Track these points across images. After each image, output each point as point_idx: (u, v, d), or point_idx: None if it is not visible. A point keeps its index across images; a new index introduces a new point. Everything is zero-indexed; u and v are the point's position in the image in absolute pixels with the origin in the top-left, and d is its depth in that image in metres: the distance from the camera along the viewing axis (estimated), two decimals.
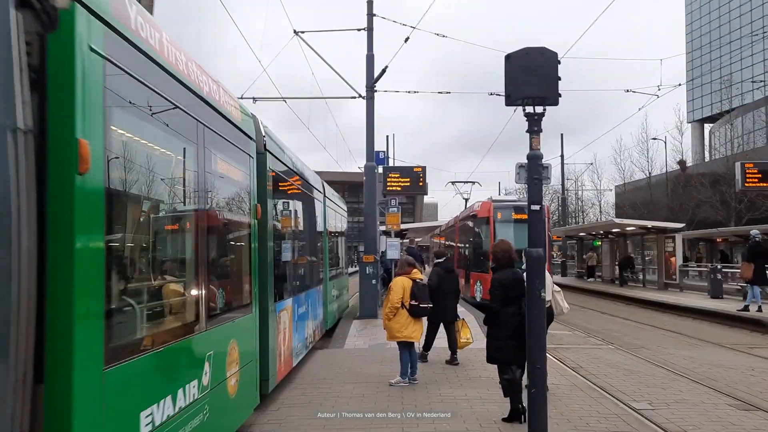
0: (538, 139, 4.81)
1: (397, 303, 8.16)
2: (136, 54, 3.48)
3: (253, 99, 16.57)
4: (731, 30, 71.48)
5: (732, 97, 49.59)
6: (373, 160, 17.21)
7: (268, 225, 7.15)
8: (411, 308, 8.18)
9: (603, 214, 56.70)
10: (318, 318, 11.57)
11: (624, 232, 30.20)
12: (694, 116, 73.47)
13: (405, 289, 8.22)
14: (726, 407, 7.63)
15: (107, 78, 3.14)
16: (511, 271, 6.69)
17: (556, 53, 4.77)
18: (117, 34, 3.26)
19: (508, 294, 6.50)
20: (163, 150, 4.13)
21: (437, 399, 7.51)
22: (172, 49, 4.08)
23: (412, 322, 8.22)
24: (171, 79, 4.01)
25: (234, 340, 5.61)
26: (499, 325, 6.53)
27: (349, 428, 6.36)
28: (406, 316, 8.18)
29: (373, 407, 7.07)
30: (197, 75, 4.67)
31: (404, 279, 8.34)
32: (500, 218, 18.81)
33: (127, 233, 3.63)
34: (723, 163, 40.11)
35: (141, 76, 3.52)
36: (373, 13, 16.36)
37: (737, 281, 20.59)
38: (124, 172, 3.48)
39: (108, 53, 3.14)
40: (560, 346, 12.52)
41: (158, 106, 3.84)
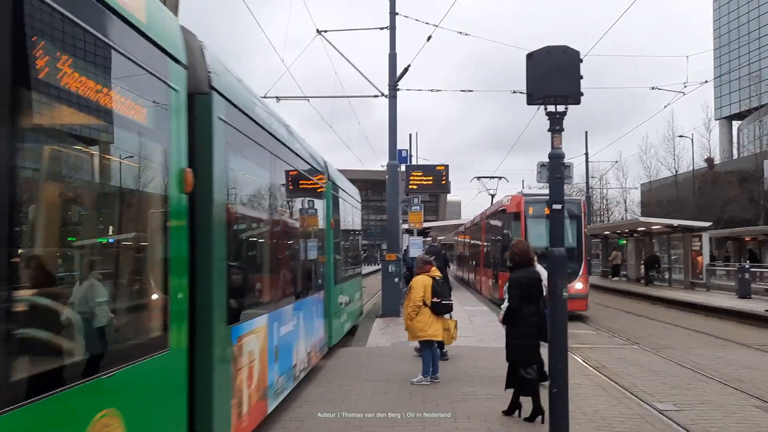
0: (560, 138, 4.80)
1: (419, 301, 8.15)
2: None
3: (276, 98, 16.72)
4: (760, 25, 70.15)
5: (761, 94, 48.70)
6: (395, 159, 17.25)
7: (213, 207, 4.54)
8: (433, 305, 8.17)
9: (628, 213, 56.06)
10: (315, 335, 8.83)
11: (650, 230, 29.83)
12: (722, 113, 72.26)
13: (426, 287, 8.21)
14: (753, 409, 7.53)
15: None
16: (530, 270, 6.71)
17: (578, 52, 4.75)
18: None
19: (527, 293, 6.51)
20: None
21: (459, 397, 7.51)
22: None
23: (435, 321, 8.23)
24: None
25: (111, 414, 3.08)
26: (519, 325, 6.54)
27: (371, 427, 6.39)
28: (428, 314, 8.18)
29: (396, 406, 7.08)
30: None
31: (424, 277, 8.33)
32: (532, 213, 17.28)
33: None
34: (752, 160, 39.46)
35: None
36: (395, 11, 16.38)
37: (766, 281, 20.22)
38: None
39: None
40: (584, 346, 12.44)
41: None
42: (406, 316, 8.45)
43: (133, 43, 3.37)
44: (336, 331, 10.72)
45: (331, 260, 10.37)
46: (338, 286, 11.10)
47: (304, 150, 8.47)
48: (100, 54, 3.08)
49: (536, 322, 6.40)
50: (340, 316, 11.35)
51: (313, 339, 8.73)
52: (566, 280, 17.24)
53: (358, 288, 14.96)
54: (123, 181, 3.55)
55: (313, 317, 8.67)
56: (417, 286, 8.26)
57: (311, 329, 8.54)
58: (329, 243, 10.25)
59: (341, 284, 11.54)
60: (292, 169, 7.69)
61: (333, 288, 10.40)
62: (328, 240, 10.20)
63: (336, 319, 10.73)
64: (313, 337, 8.67)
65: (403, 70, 16.41)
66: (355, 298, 13.92)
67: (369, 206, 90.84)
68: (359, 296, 15.03)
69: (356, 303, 14.14)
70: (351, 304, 13.00)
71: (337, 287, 10.83)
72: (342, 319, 11.58)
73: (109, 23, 3.14)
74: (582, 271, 17.23)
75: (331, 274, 10.41)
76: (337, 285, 10.82)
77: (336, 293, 10.78)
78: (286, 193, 7.58)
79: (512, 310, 6.58)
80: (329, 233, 10.26)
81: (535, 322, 6.41)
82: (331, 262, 10.41)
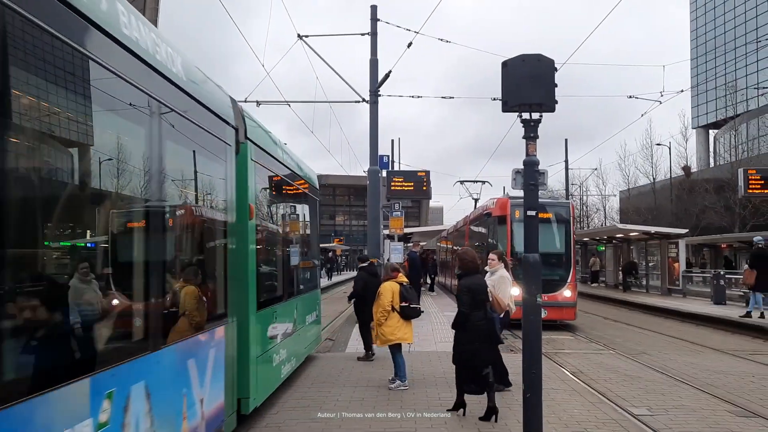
0: (535, 146, 4.86)
1: (388, 306, 8.37)
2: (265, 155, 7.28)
3: (256, 102, 16.67)
4: (736, 36, 71.39)
5: (737, 103, 49.53)
6: (377, 164, 17.29)
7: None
8: (403, 309, 8.39)
9: (608, 220, 56.65)
10: (194, 411, 4.82)
11: (627, 237, 30.16)
12: (698, 122, 73.32)
13: (394, 292, 8.43)
14: (725, 414, 7.64)
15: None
16: (477, 277, 7.20)
17: (552, 60, 4.82)
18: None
19: (476, 299, 6.88)
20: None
21: (436, 402, 7.54)
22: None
23: (404, 324, 8.43)
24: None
25: None
26: (469, 329, 6.86)
27: (349, 429, 6.41)
28: (397, 318, 8.39)
29: (372, 409, 7.13)
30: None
31: (392, 283, 8.57)
32: (519, 217, 16.05)
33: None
34: (727, 169, 40.05)
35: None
36: (377, 18, 16.44)
37: (740, 287, 20.54)
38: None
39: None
40: (561, 351, 12.54)
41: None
42: (375, 322, 8.59)
43: (211, 121, 5.47)
44: (263, 384, 6.99)
45: (248, 271, 6.43)
46: (268, 310, 7.26)
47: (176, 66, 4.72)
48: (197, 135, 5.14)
49: (485, 326, 6.86)
50: (273, 357, 7.43)
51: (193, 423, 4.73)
52: (553, 288, 16.95)
53: (314, 307, 10.77)
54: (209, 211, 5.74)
55: (187, 381, 4.73)
56: (385, 291, 8.50)
57: (187, 399, 4.67)
58: (244, 243, 6.33)
59: (276, 307, 7.67)
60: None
61: (253, 317, 6.53)
62: (241, 237, 6.26)
63: (263, 366, 6.94)
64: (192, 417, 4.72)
65: (384, 75, 16.47)
66: (307, 322, 9.93)
67: (351, 212, 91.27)
68: (315, 318, 10.87)
69: (309, 329, 10.14)
70: (298, 333, 8.99)
71: (264, 313, 7.03)
72: (277, 360, 7.64)
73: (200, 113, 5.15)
74: (570, 278, 16.61)
75: (249, 294, 6.47)
76: (264, 310, 7.02)
77: (262, 323, 6.97)
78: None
79: (463, 315, 6.88)
80: (244, 227, 6.35)
81: (484, 326, 6.86)
82: (250, 274, 6.49)
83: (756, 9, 69.72)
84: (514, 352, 10.70)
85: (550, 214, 16.93)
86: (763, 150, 44.55)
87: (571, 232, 17.21)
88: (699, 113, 74.35)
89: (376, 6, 16.41)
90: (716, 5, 76.56)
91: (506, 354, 11.02)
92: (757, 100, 53.53)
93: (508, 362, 8.66)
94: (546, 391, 6.38)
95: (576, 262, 20.71)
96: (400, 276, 8.79)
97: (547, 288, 15.26)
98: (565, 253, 16.89)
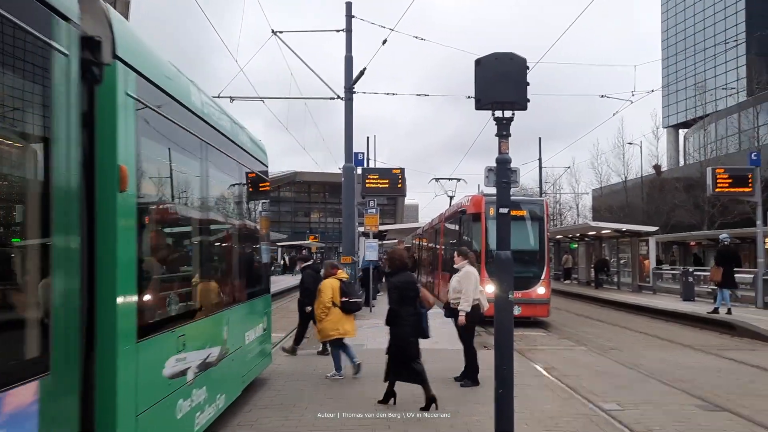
0: (507, 143, 4.89)
1: (329, 302, 8.69)
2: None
3: (230, 98, 16.52)
4: (705, 38, 72.79)
5: (706, 104, 50.55)
6: (351, 161, 17.26)
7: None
8: (344, 304, 8.75)
9: (581, 217, 57.33)
10: None
11: (599, 235, 30.58)
12: (669, 122, 74.63)
13: (334, 288, 8.78)
14: (692, 408, 7.77)
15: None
16: (406, 275, 7.51)
17: (524, 59, 4.85)
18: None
19: (405, 295, 7.23)
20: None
21: (410, 398, 7.56)
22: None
23: (345, 319, 8.79)
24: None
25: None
26: (400, 324, 7.15)
27: (323, 429, 6.39)
28: (338, 313, 8.72)
29: (347, 407, 7.14)
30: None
31: (332, 280, 8.92)
32: (493, 215, 15.91)
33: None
34: (697, 168, 40.79)
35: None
36: (351, 14, 16.41)
37: (708, 284, 20.96)
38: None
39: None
40: (534, 348, 12.66)
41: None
42: (316, 318, 8.94)
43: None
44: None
45: (113, 275, 3.90)
46: (164, 337, 4.67)
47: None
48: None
49: (414, 321, 7.18)
50: (176, 406, 4.88)
51: None
52: (527, 285, 17.06)
53: (259, 318, 8.36)
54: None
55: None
56: (325, 288, 8.83)
57: None
58: (107, 230, 3.88)
59: (184, 329, 5.05)
60: None
61: (126, 351, 3.99)
62: (104, 220, 3.86)
63: (153, 425, 4.44)
64: None
65: (359, 72, 16.45)
66: (248, 340, 7.52)
67: (327, 209, 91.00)
68: (263, 332, 8.51)
69: (251, 349, 7.74)
70: (231, 358, 6.54)
71: (154, 342, 4.46)
72: (185, 408, 5.05)
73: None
74: (544, 275, 16.73)
75: (117, 316, 3.90)
76: (154, 337, 4.47)
77: (149, 358, 4.39)
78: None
79: (393, 311, 7.19)
80: (108, 202, 3.89)
81: (414, 321, 7.18)
82: (119, 281, 3.94)
83: (725, 11, 71.19)
84: (488, 348, 10.77)
85: (525, 212, 17.03)
86: (731, 149, 45.54)
87: (545, 230, 17.32)
88: (669, 113, 75.71)
89: (351, 2, 16.38)
90: (686, 7, 77.99)
91: (479, 350, 11.13)
92: (726, 100, 54.74)
93: (482, 359, 8.75)
94: (518, 387, 6.44)
95: (550, 260, 20.88)
96: (340, 273, 9.18)
97: (521, 285, 15.36)
98: (539, 251, 17.03)
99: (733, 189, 20.15)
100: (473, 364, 8.52)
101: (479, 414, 6.92)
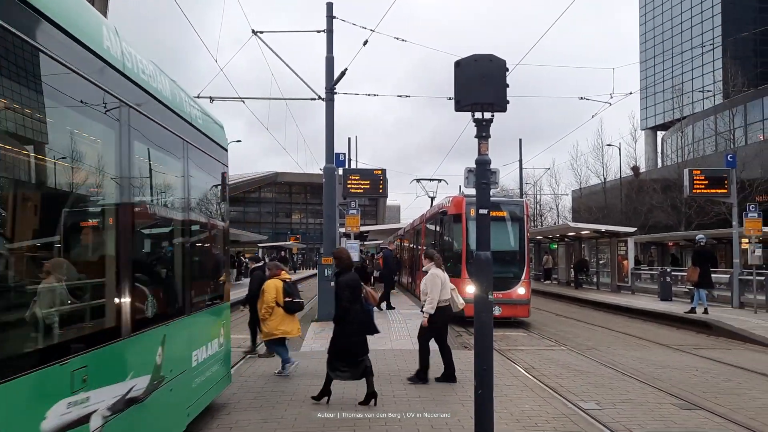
0: (487, 145, 4.91)
1: (272, 302, 8.86)
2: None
3: (210, 98, 16.40)
4: (683, 41, 73.85)
5: (683, 106, 51.32)
6: (333, 162, 17.21)
7: None
8: (287, 304, 8.94)
9: (560, 218, 57.85)
10: None
11: (579, 235, 30.86)
12: (647, 123, 75.60)
13: (278, 289, 8.95)
14: (670, 406, 7.87)
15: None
16: (352, 274, 7.73)
17: (504, 61, 4.88)
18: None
19: (354, 294, 7.45)
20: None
21: (390, 400, 7.56)
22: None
23: (288, 319, 9.00)
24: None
25: None
26: (350, 321, 7.38)
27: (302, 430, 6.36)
28: (281, 313, 8.92)
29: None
30: None
31: (275, 280, 9.08)
32: (474, 215, 15.84)
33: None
34: (674, 169, 41.40)
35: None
36: (332, 15, 16.36)
37: (685, 284, 21.25)
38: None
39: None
40: (514, 348, 12.73)
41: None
42: (260, 318, 9.12)
43: None
44: None
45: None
46: (51, 372, 3.25)
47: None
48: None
49: (362, 319, 7.48)
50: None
51: None
52: (507, 285, 17.13)
53: (214, 333, 6.92)
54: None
55: None
56: (269, 289, 8.97)
57: None
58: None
59: (86, 356, 3.64)
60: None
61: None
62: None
63: None
64: None
65: (340, 73, 16.41)
66: (196, 362, 6.12)
67: (308, 210, 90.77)
68: (218, 350, 7.06)
69: (202, 372, 6.32)
70: (169, 388, 5.20)
71: (28, 385, 3.06)
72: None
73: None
74: (524, 275, 16.77)
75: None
76: (22, 378, 3.00)
77: (15, 408, 2.94)
78: None
79: (345, 309, 7.39)
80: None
81: (362, 318, 7.48)
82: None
83: (701, 15, 72.30)
84: (468, 348, 10.82)
85: (505, 213, 17.13)
86: (707, 151, 46.28)
87: (525, 231, 17.42)
88: (647, 115, 76.70)
89: (332, 3, 16.33)
90: (664, 11, 79.06)
91: (460, 351, 11.18)
92: (702, 103, 55.64)
93: (462, 358, 8.79)
94: (498, 387, 6.48)
95: (530, 260, 21.02)
96: (284, 273, 9.39)
97: (502, 285, 15.46)
98: (519, 251, 17.13)
99: (709, 190, 20.45)
100: (425, 363, 8.78)
101: (459, 414, 6.94)
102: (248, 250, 42.89)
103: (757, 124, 47.18)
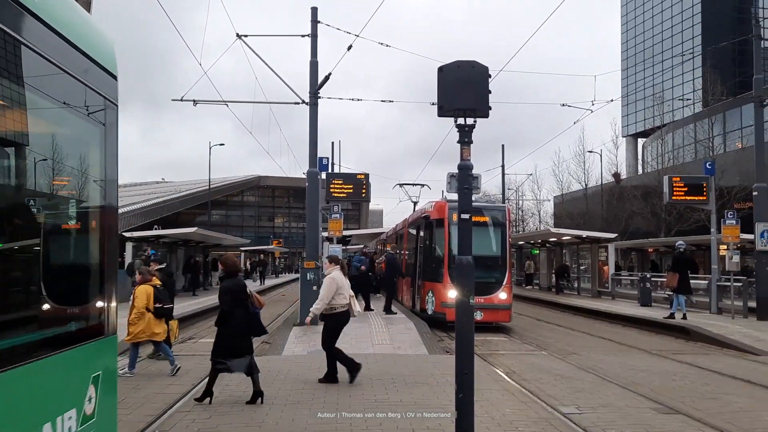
0: (469, 150, 4.94)
1: (143, 308, 9.33)
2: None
3: (193, 102, 16.31)
4: (663, 49, 74.87)
5: (663, 114, 51.97)
6: (316, 166, 17.21)
7: None
8: (157, 310, 9.47)
9: (542, 224, 58.24)
10: None
11: (560, 241, 31.10)
12: (628, 131, 76.45)
13: (148, 294, 9.43)
14: (649, 411, 7.94)
15: None
16: (237, 279, 8.01)
17: (486, 67, 4.92)
18: None
19: (237, 298, 7.72)
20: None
21: (372, 404, 7.56)
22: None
23: (157, 323, 9.50)
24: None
25: None
26: (233, 325, 7.65)
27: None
28: (150, 318, 9.40)
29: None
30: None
31: (146, 286, 9.54)
32: (456, 220, 15.70)
33: None
34: (654, 176, 41.88)
35: None
36: (317, 20, 16.38)
37: (665, 290, 21.48)
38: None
39: None
40: (495, 352, 12.77)
41: None
42: (129, 322, 9.42)
43: None
44: None
45: None
46: None
47: None
48: None
49: (247, 321, 7.72)
50: None
51: None
52: (489, 290, 17.21)
53: (67, 396, 3.30)
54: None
55: None
56: (140, 294, 9.42)
57: None
58: None
59: None
60: None
61: None
62: None
63: None
64: None
65: (324, 77, 16.43)
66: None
67: (291, 214, 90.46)
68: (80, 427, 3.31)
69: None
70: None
71: None
72: None
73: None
74: (506, 280, 16.84)
75: None
76: None
77: None
78: None
79: (225, 312, 7.70)
80: None
81: (246, 320, 7.71)
82: None
83: (681, 24, 73.41)
84: (449, 353, 10.84)
85: (487, 218, 17.22)
86: (687, 159, 46.90)
87: (507, 236, 17.51)
88: (629, 122, 77.57)
89: (317, 8, 16.36)
90: (645, 20, 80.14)
91: (441, 355, 11.21)
92: (682, 111, 56.32)
93: (443, 363, 8.81)
94: (479, 392, 6.50)
95: (512, 265, 21.15)
96: (155, 279, 9.85)
97: (484, 290, 15.53)
98: (501, 256, 17.20)
99: (688, 197, 20.72)
100: (333, 366, 8.89)
101: (441, 419, 6.95)
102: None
103: (736, 133, 47.91)
